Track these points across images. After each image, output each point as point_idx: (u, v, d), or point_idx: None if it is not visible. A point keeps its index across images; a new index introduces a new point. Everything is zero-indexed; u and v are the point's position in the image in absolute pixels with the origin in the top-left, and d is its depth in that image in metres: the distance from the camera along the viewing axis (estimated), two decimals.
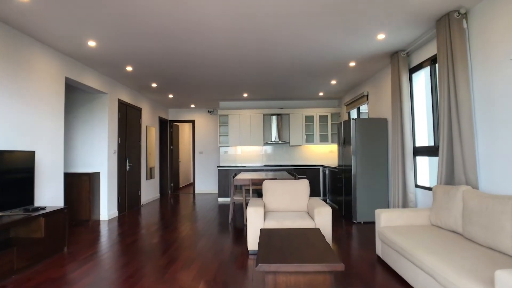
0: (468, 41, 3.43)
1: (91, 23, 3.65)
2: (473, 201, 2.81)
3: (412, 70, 4.75)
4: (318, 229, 3.13)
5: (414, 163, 4.66)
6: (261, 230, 3.10)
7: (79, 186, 5.72)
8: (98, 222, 5.84)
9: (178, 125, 10.77)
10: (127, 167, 6.92)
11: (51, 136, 4.46)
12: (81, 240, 4.59)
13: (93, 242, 4.49)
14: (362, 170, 5.50)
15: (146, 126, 8.18)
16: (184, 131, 12.40)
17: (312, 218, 3.84)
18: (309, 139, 8.73)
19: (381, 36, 4.18)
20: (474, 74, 3.37)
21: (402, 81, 4.67)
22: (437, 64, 4.07)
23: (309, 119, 8.74)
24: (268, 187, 4.33)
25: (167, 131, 9.98)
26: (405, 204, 4.65)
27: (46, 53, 4.35)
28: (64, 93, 4.74)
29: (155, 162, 8.86)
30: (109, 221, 5.94)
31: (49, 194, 4.41)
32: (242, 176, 5.74)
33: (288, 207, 4.27)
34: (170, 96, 8.03)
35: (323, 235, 2.90)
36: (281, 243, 2.67)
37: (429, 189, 4.34)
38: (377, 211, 3.57)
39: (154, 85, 6.78)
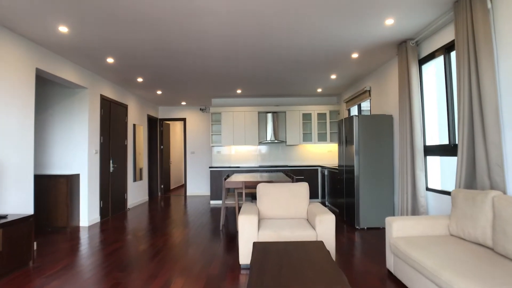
0: (493, 23, 2.98)
1: (58, 3, 3.15)
2: (508, 209, 2.36)
3: (422, 61, 4.30)
4: (322, 242, 2.66)
5: (424, 163, 4.22)
6: (255, 244, 2.63)
7: (56, 189, 5.20)
8: (77, 228, 5.33)
9: (168, 124, 10.26)
10: (111, 168, 6.41)
11: (18, 134, 3.95)
12: (54, 250, 4.09)
13: (67, 253, 3.98)
14: (365, 171, 5.05)
15: (134, 125, 7.67)
16: (175, 130, 11.89)
17: (313, 227, 3.38)
18: (307, 138, 8.27)
19: (389, 22, 3.73)
20: (501, 62, 2.92)
21: (411, 73, 4.22)
22: (454, 52, 3.63)
23: (306, 117, 8.27)
24: (263, 191, 3.86)
25: (157, 130, 9.46)
26: (414, 209, 4.20)
27: (11, 39, 3.84)
28: (34, 86, 4.23)
29: (143, 162, 8.35)
30: (90, 227, 5.43)
31: (14, 200, 3.89)
32: (234, 178, 5.26)
33: (286, 214, 3.80)
34: (159, 92, 7.53)
35: (328, 251, 2.43)
36: (278, 262, 2.19)
37: (442, 192, 3.89)
38: (388, 219, 3.11)
39: (140, 79, 6.27)
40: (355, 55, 4.97)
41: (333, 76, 6.29)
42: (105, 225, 5.61)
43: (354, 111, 7.34)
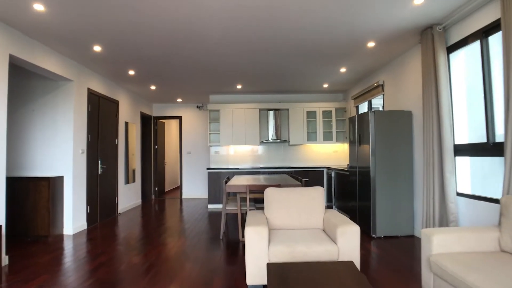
0: None
1: None
2: None
3: (451, 49, 3.80)
4: (352, 263, 2.14)
5: (454, 165, 3.71)
6: (269, 267, 2.10)
7: (36, 193, 4.64)
8: (60, 237, 4.76)
9: (163, 122, 9.70)
10: (100, 170, 5.84)
11: None
12: (29, 265, 3.53)
13: (45, 267, 3.42)
14: (382, 172, 4.55)
15: (127, 123, 7.11)
16: (171, 128, 11.33)
17: (333, 240, 2.86)
18: (311, 137, 7.76)
19: (418, 1, 3.22)
20: None
21: (439, 63, 3.72)
22: (494, 36, 3.13)
23: (311, 114, 7.76)
24: (271, 197, 3.33)
25: (151, 128, 8.90)
26: (443, 217, 3.70)
27: None
28: (7, 74, 3.67)
29: (136, 163, 7.79)
30: (75, 236, 4.87)
31: None
32: (236, 181, 4.73)
33: (298, 224, 3.27)
34: (153, 87, 6.98)
35: (364, 276, 1.91)
36: None
37: (476, 198, 3.40)
38: (426, 232, 2.60)
39: (131, 72, 5.72)
40: (371, 44, 4.46)
41: (343, 70, 5.79)
42: (93, 233, 5.04)
43: (363, 108, 6.84)
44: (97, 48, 4.46)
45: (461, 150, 3.67)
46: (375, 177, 4.55)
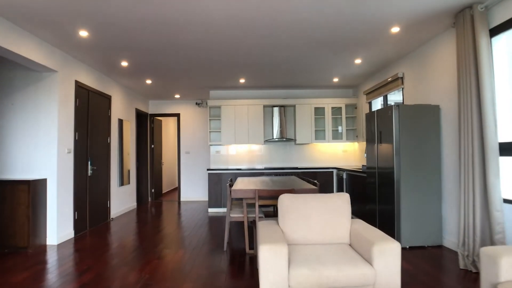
0: None
1: None
2: None
3: (494, 32, 3.28)
4: None
5: (499, 166, 3.18)
6: None
7: (14, 199, 4.08)
8: (42, 249, 4.21)
9: (160, 120, 9.14)
10: (90, 171, 5.29)
11: None
12: (0, 284, 2.98)
13: None
14: (408, 174, 4.02)
15: (121, 120, 6.56)
16: (168, 127, 10.77)
17: (367, 260, 2.32)
18: (319, 135, 7.23)
19: None
20: None
21: (480, 48, 3.19)
22: None
23: (319, 111, 7.23)
24: (288, 205, 2.79)
25: (147, 126, 8.34)
26: (484, 227, 3.17)
27: None
28: None
29: (131, 164, 7.23)
30: (60, 246, 4.32)
31: None
32: (241, 184, 4.19)
33: (321, 238, 2.74)
34: (148, 81, 6.42)
35: None
36: None
37: None
38: (489, 252, 2.06)
39: (124, 63, 5.17)
40: (395, 30, 3.93)
41: (358, 61, 5.25)
42: (80, 242, 4.49)
43: (376, 104, 6.31)
44: (83, 33, 3.90)
45: (506, 149, 3.15)
46: (399, 179, 4.02)
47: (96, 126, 5.55)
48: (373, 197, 4.69)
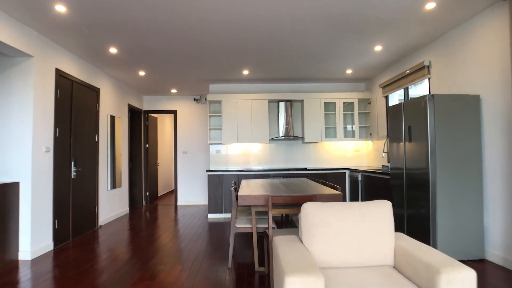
0: None
1: None
2: None
3: None
4: None
5: None
6: None
7: None
8: (13, 265, 3.56)
9: (155, 117, 8.49)
10: (73, 173, 4.64)
11: None
12: None
13: None
14: (445, 177, 3.42)
15: (113, 117, 5.91)
16: (164, 124, 10.13)
17: None
18: (330, 133, 6.62)
19: None
20: None
21: None
22: None
23: (329, 107, 6.63)
24: (315, 217, 2.17)
25: (141, 124, 7.70)
26: None
27: None
28: None
29: (123, 164, 6.59)
30: (35, 262, 3.67)
31: None
32: (249, 189, 3.56)
33: (359, 259, 2.11)
34: (142, 73, 5.79)
35: None
36: None
37: None
38: None
39: (113, 50, 4.53)
40: (430, 5, 3.32)
41: (378, 48, 4.64)
42: (60, 256, 3.85)
43: (393, 98, 5.71)
44: (60, 8, 3.27)
45: None
46: (435, 182, 3.41)
47: (82, 122, 4.91)
48: (399, 201, 4.08)
